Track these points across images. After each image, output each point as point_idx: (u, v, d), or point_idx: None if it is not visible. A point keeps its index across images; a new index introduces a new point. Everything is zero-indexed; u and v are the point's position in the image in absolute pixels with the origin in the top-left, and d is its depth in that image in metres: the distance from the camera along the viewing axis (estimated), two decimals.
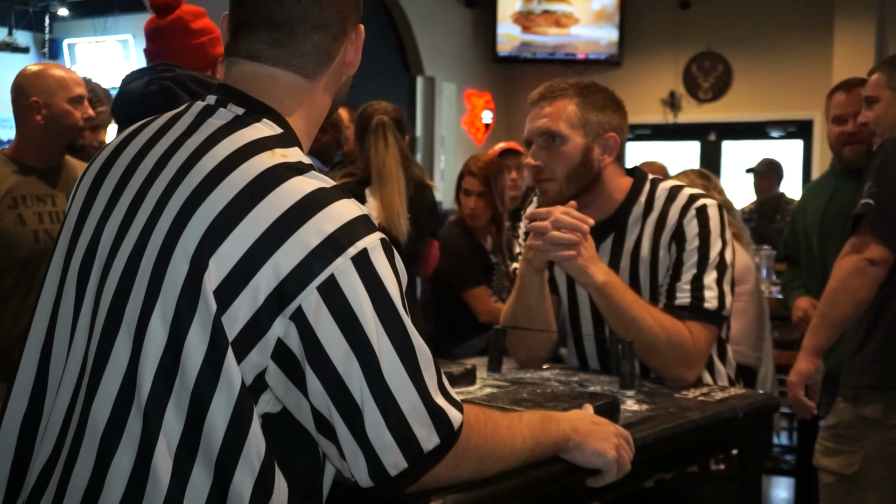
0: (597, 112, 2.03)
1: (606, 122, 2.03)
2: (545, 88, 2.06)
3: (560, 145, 2.01)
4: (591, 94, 2.04)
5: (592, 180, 2.03)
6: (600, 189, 2.05)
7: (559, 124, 2.00)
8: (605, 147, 2.03)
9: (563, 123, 2.00)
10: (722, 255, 1.99)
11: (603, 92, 2.07)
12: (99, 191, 1.27)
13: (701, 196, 2.05)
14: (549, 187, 2.03)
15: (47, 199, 2.76)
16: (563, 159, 2.01)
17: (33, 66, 2.86)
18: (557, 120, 2.01)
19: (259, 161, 1.16)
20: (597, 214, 2.04)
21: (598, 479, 1.41)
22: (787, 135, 9.48)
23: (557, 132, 2.00)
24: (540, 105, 2.05)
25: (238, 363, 1.11)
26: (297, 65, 1.26)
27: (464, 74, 9.93)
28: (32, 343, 1.27)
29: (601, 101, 2.05)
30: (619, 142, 2.05)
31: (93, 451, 1.13)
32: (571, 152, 2.00)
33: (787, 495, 4.80)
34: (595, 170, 2.03)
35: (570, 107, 2.02)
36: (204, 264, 1.11)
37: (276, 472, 1.15)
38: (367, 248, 1.13)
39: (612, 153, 2.04)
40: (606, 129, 2.03)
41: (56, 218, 2.75)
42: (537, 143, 2.04)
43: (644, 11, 9.75)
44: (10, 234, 2.66)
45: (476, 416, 1.24)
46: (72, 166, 2.86)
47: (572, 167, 2.01)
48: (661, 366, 1.97)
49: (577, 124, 2.01)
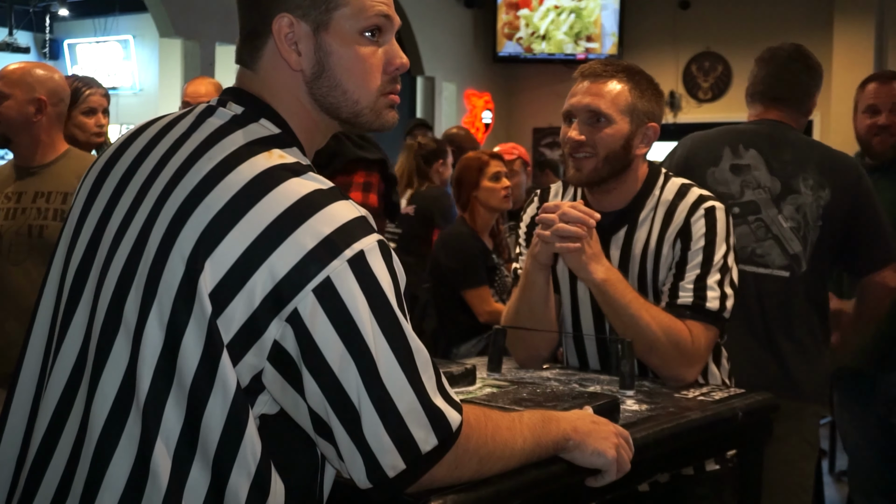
0: (644, 101, 2.03)
1: (650, 112, 2.04)
2: (597, 65, 2.06)
3: (605, 126, 2.00)
4: (641, 82, 2.04)
5: (625, 166, 2.04)
6: (627, 175, 2.05)
7: (609, 106, 2.00)
8: (644, 136, 2.04)
9: (613, 107, 2.00)
10: (726, 258, 2.00)
11: (650, 80, 2.08)
12: (100, 191, 1.27)
13: (710, 198, 2.05)
14: (586, 164, 2.02)
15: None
16: (605, 141, 2.00)
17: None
18: (608, 101, 2.00)
19: (256, 162, 1.16)
20: (615, 201, 2.06)
21: (598, 479, 1.41)
22: None
23: (605, 113, 2.00)
24: (591, 80, 2.04)
25: (234, 365, 1.11)
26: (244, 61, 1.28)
27: (464, 74, 9.94)
28: (34, 344, 1.27)
29: (649, 89, 2.05)
30: (657, 133, 2.06)
31: (92, 451, 1.13)
32: (615, 136, 2.00)
33: None
34: (630, 157, 2.03)
35: (622, 91, 2.01)
36: (200, 266, 1.11)
37: (273, 473, 1.15)
38: (364, 249, 1.13)
39: (649, 144, 2.05)
40: (650, 118, 2.04)
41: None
42: (581, 118, 2.02)
43: (644, 11, 9.75)
44: None
45: (476, 416, 1.24)
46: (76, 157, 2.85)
47: (612, 150, 2.00)
48: (660, 365, 1.97)
49: (625, 110, 2.01)
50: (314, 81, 1.25)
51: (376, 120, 1.29)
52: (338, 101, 1.26)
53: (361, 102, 1.27)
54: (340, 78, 1.25)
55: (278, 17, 1.22)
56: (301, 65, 1.23)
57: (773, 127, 2.67)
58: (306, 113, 1.27)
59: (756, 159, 2.59)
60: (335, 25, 1.23)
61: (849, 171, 2.62)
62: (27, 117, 2.77)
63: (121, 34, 10.64)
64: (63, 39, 10.97)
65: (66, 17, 10.31)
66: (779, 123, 2.68)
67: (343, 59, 1.24)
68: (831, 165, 2.61)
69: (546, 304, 2.06)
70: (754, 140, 2.63)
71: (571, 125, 2.04)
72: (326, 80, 1.24)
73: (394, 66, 1.29)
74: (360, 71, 1.25)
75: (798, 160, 2.59)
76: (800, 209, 2.58)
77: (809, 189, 2.56)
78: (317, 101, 1.26)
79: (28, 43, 10.47)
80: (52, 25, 10.78)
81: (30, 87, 2.78)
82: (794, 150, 2.61)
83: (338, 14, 1.23)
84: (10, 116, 2.76)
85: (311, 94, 1.26)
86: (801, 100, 2.72)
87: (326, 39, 1.23)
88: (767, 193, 2.60)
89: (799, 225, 2.57)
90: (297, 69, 1.24)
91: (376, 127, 1.31)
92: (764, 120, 2.69)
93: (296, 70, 1.24)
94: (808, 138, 2.75)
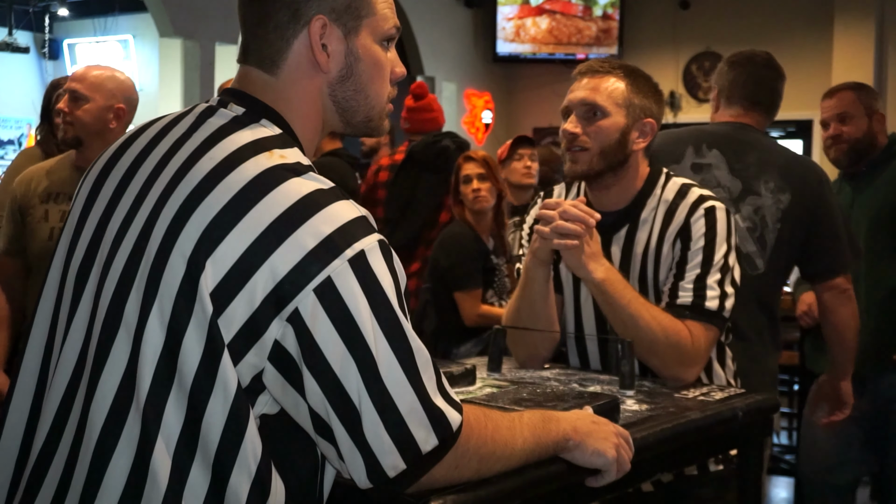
0: (641, 96, 2.05)
1: (647, 108, 2.06)
2: (595, 63, 2.09)
3: (600, 119, 2.02)
4: (638, 78, 2.07)
5: (622, 161, 2.05)
6: (625, 172, 2.07)
7: (604, 99, 2.03)
8: (641, 131, 2.06)
9: (609, 99, 2.03)
10: (726, 258, 2.00)
11: (648, 78, 2.11)
12: (100, 191, 1.27)
13: (711, 198, 2.06)
14: (581, 157, 2.04)
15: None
16: (600, 133, 2.02)
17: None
18: (603, 95, 2.03)
19: (257, 162, 1.16)
20: (616, 200, 2.08)
21: (598, 479, 1.41)
22: (787, 135, 9.47)
23: (601, 106, 2.02)
24: (588, 76, 2.07)
25: (234, 365, 1.11)
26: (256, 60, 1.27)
27: (464, 74, 9.94)
28: (34, 343, 1.27)
29: (646, 86, 2.08)
30: (655, 129, 2.08)
31: (91, 450, 1.13)
32: (610, 129, 2.02)
33: (787, 495, 4.80)
34: (627, 151, 2.05)
35: (618, 85, 2.04)
36: (201, 266, 1.11)
37: (273, 473, 1.15)
38: (365, 249, 1.13)
39: (646, 138, 2.07)
40: (647, 114, 2.06)
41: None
42: (577, 113, 2.05)
43: (644, 11, 9.75)
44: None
45: (476, 416, 1.24)
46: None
47: (608, 143, 2.02)
48: (660, 365, 1.97)
49: (621, 104, 2.03)
50: (339, 84, 1.28)
51: (380, 126, 1.35)
52: (358, 105, 1.30)
53: (376, 108, 1.32)
54: (365, 83, 1.29)
55: (315, 19, 1.24)
56: (329, 66, 1.26)
57: (740, 129, 2.70)
58: (317, 114, 1.29)
59: (718, 159, 2.62)
60: (363, 32, 1.27)
61: (811, 177, 2.67)
62: (105, 124, 2.74)
63: (120, 34, 10.63)
64: (63, 39, 10.97)
65: (65, 16, 10.31)
66: (747, 126, 2.71)
67: (368, 66, 1.29)
68: (794, 171, 2.64)
69: (546, 301, 2.06)
70: (718, 141, 2.66)
71: (568, 119, 2.06)
72: (352, 84, 1.28)
73: (396, 74, 1.34)
74: (379, 78, 1.31)
75: (761, 163, 2.62)
76: (758, 211, 2.61)
77: (770, 192, 2.59)
78: (336, 104, 1.29)
79: (28, 43, 10.47)
80: (52, 25, 10.77)
81: (111, 94, 2.75)
82: (758, 153, 2.64)
83: (366, 21, 1.27)
84: (87, 122, 2.73)
85: (333, 96, 1.29)
86: (775, 104, 2.80)
87: (356, 44, 1.27)
88: (726, 193, 2.63)
89: (756, 226, 2.60)
90: (325, 71, 1.26)
91: (377, 132, 1.36)
92: (730, 122, 2.72)
93: (324, 71, 1.26)
94: (774, 142, 2.79)
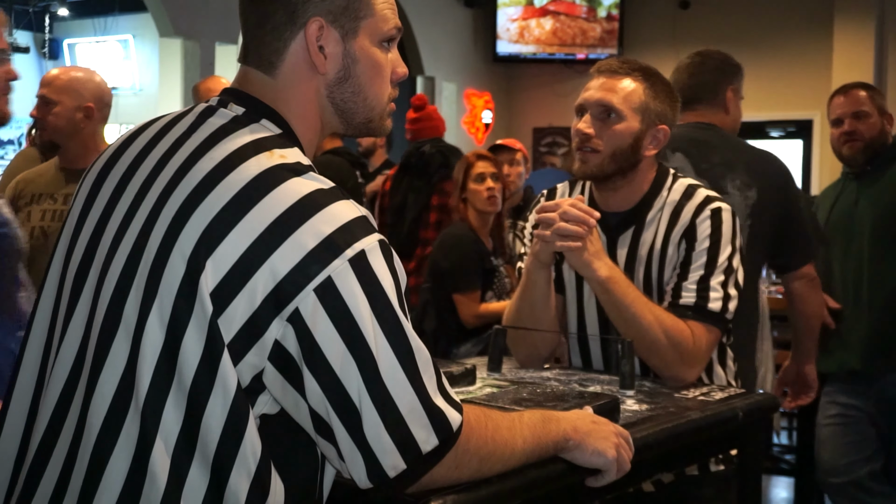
0: (657, 102, 2.03)
1: (662, 114, 2.04)
2: (615, 62, 2.07)
3: (615, 122, 2.01)
4: (656, 83, 2.05)
5: (632, 166, 2.04)
6: (634, 176, 2.06)
7: (620, 102, 2.01)
8: (654, 138, 2.04)
9: (625, 102, 2.01)
10: (730, 260, 1.99)
11: (666, 83, 2.09)
12: (100, 190, 1.27)
13: (717, 199, 2.05)
14: (591, 158, 2.02)
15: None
16: (614, 137, 2.01)
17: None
18: (620, 98, 2.01)
19: (257, 162, 1.16)
20: (623, 201, 2.07)
21: (598, 479, 1.41)
22: (787, 135, 9.47)
23: (616, 108, 2.00)
24: (606, 76, 2.05)
25: (234, 365, 1.11)
26: (255, 61, 1.27)
27: (464, 74, 9.94)
28: (33, 342, 1.27)
29: (663, 91, 2.06)
30: (668, 135, 2.06)
31: (90, 450, 1.13)
32: (624, 133, 2.01)
33: (787, 495, 4.80)
34: (638, 157, 2.03)
35: (636, 89, 2.02)
36: (201, 266, 1.11)
37: (273, 473, 1.15)
38: (365, 249, 1.13)
39: (658, 145, 2.05)
40: (661, 120, 2.04)
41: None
42: (592, 113, 2.03)
43: (644, 11, 9.75)
44: None
45: (476, 416, 1.24)
46: None
47: (620, 148, 2.01)
48: (661, 364, 1.97)
49: (637, 108, 2.01)
50: (337, 86, 1.28)
51: (381, 126, 1.34)
52: (357, 107, 1.30)
53: (376, 109, 1.31)
54: (363, 85, 1.29)
55: (312, 21, 1.23)
56: (326, 68, 1.26)
57: (700, 129, 2.70)
58: (315, 116, 1.29)
59: (682, 161, 2.62)
60: (362, 34, 1.27)
61: (776, 171, 2.69)
62: (75, 124, 2.76)
63: (120, 34, 10.63)
64: (62, 39, 10.96)
65: (65, 16, 10.31)
66: (706, 125, 2.71)
67: (367, 68, 1.28)
68: (759, 166, 2.65)
69: (546, 302, 2.06)
70: (681, 144, 2.65)
71: (582, 118, 2.04)
72: (350, 85, 1.28)
73: (398, 75, 1.34)
74: (378, 79, 1.30)
75: (726, 162, 2.62)
76: None
77: (737, 189, 2.59)
78: (335, 105, 1.29)
79: (28, 43, 10.47)
80: (52, 25, 10.77)
81: (77, 95, 2.77)
82: (722, 151, 2.65)
83: (364, 23, 1.27)
84: (58, 125, 2.76)
85: (331, 98, 1.28)
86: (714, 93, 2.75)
87: (354, 46, 1.27)
88: None
89: None
90: (322, 72, 1.26)
91: (378, 133, 1.36)
92: (690, 123, 2.72)
93: (321, 73, 1.26)
94: (737, 140, 2.79)
